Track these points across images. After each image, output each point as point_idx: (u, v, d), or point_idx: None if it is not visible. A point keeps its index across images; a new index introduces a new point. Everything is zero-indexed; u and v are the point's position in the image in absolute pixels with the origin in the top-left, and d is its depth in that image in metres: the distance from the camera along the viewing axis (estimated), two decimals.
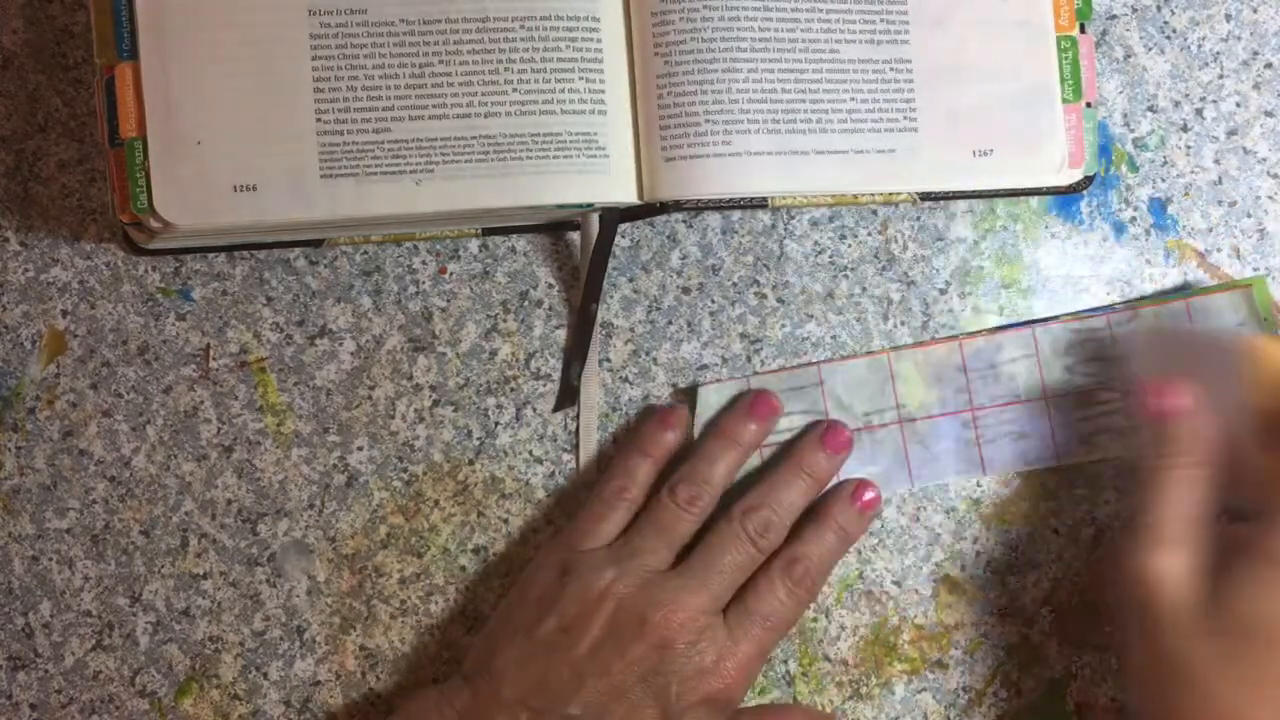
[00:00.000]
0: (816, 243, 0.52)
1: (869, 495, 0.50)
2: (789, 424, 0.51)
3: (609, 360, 0.51)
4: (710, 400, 0.51)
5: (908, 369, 0.52)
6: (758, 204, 0.49)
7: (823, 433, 0.50)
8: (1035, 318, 0.52)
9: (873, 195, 0.49)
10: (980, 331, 0.52)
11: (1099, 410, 0.52)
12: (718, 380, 0.51)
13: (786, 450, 0.50)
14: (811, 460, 0.49)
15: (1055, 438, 0.52)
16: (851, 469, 0.51)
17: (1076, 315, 0.52)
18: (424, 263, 0.50)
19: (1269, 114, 0.54)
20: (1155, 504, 0.45)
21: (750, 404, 0.50)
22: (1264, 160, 0.54)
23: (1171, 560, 0.43)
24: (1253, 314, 0.51)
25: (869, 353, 0.52)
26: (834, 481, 0.51)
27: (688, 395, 0.51)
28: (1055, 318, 0.52)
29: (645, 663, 0.45)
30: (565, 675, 0.45)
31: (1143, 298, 0.53)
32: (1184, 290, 0.52)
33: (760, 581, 0.48)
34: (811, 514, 0.49)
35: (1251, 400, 0.44)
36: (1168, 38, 0.53)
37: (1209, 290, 0.52)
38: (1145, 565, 0.44)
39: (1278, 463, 0.43)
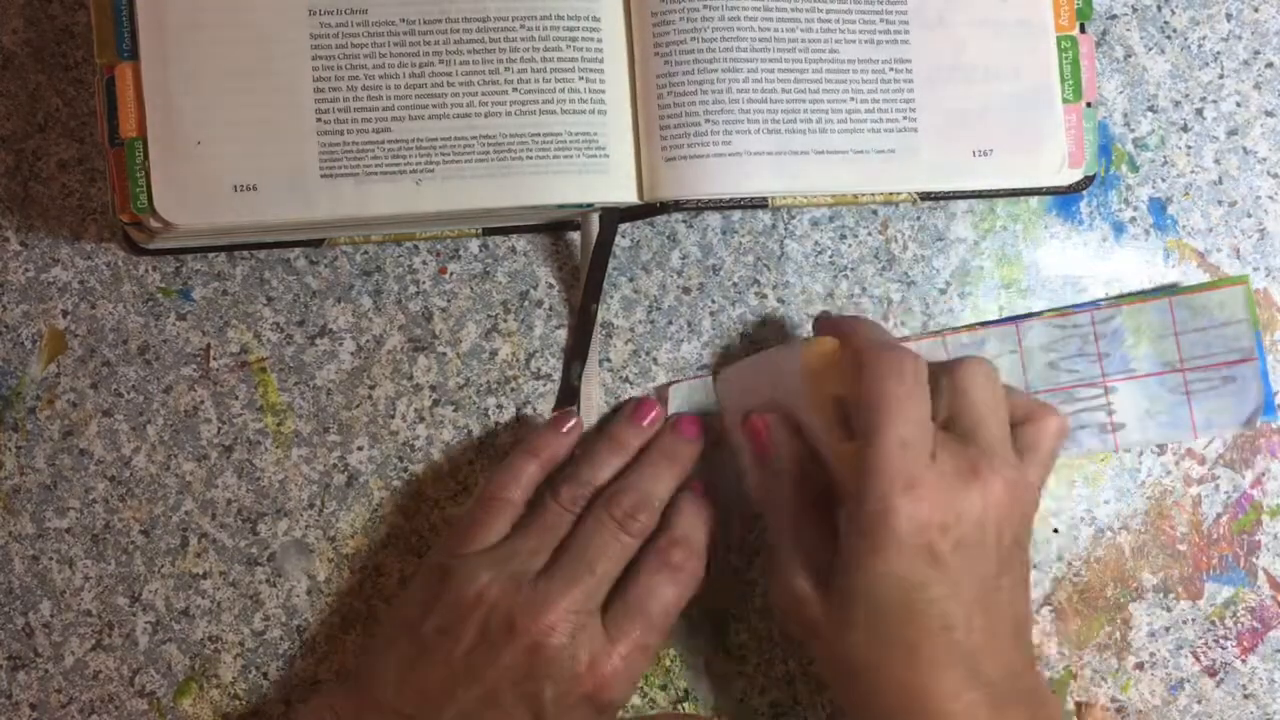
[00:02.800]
0: (817, 243, 0.52)
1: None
2: None
3: (609, 360, 0.51)
4: (684, 397, 0.51)
5: None
6: (758, 204, 0.49)
7: (631, 410, 0.50)
8: (1019, 314, 0.52)
9: (873, 195, 0.49)
10: (964, 326, 0.52)
11: (1081, 406, 0.52)
12: (691, 378, 0.51)
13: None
14: (668, 442, 0.49)
15: None
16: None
17: (1060, 311, 0.52)
18: (424, 263, 0.50)
19: (1269, 114, 0.54)
20: (773, 529, 0.47)
21: (634, 409, 0.50)
22: (1264, 160, 0.54)
23: (795, 575, 0.44)
24: (1240, 311, 0.51)
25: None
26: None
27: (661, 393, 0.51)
28: (1039, 313, 0.52)
29: (517, 668, 0.44)
30: (439, 682, 0.44)
31: (1127, 294, 0.53)
32: (1169, 288, 0.53)
33: (640, 574, 0.46)
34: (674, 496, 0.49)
35: (813, 398, 0.45)
36: (1168, 37, 0.53)
37: (1195, 289, 0.52)
38: (782, 593, 0.45)
39: (848, 447, 0.44)
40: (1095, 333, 0.52)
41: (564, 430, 0.49)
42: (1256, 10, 0.54)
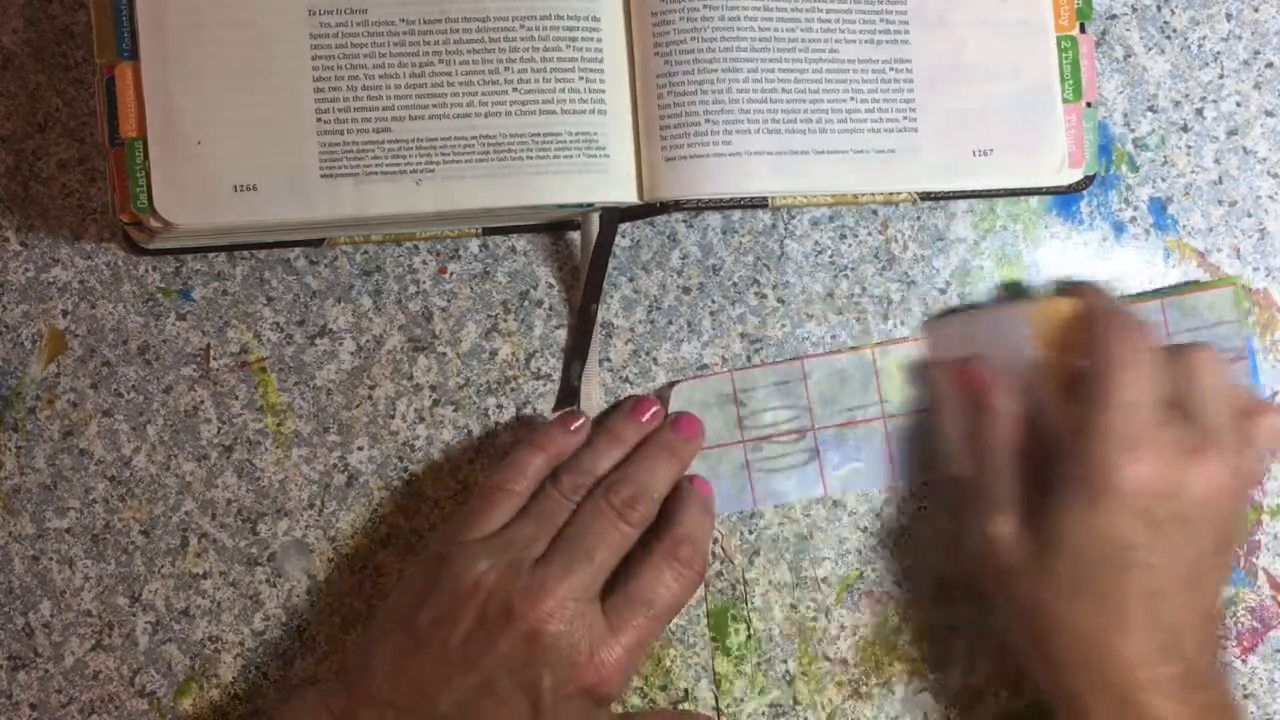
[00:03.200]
0: (817, 243, 0.52)
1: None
2: (774, 419, 0.51)
3: (609, 360, 0.51)
4: (686, 396, 0.51)
5: (891, 365, 0.52)
6: (758, 204, 0.49)
7: (630, 406, 0.50)
8: None
9: (873, 195, 0.49)
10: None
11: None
12: (692, 378, 0.51)
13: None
14: (667, 437, 0.49)
15: None
16: (836, 464, 0.51)
17: None
18: (424, 263, 0.50)
19: (1269, 114, 0.54)
20: (981, 477, 0.48)
21: (633, 405, 0.50)
22: (1264, 160, 0.54)
23: (1001, 522, 0.46)
24: (1229, 312, 0.51)
25: (853, 348, 0.52)
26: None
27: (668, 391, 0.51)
28: None
29: (515, 656, 0.43)
30: (435, 671, 0.44)
31: (1120, 297, 0.53)
32: (1162, 290, 0.53)
33: (644, 568, 0.46)
34: (673, 493, 0.49)
35: (1042, 358, 0.47)
36: (1168, 37, 0.53)
37: (1185, 289, 0.52)
38: (981, 535, 0.46)
39: (1073, 408, 0.45)
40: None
41: (571, 429, 0.49)
42: (1256, 10, 0.54)
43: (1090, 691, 0.43)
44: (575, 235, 0.51)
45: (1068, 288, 0.50)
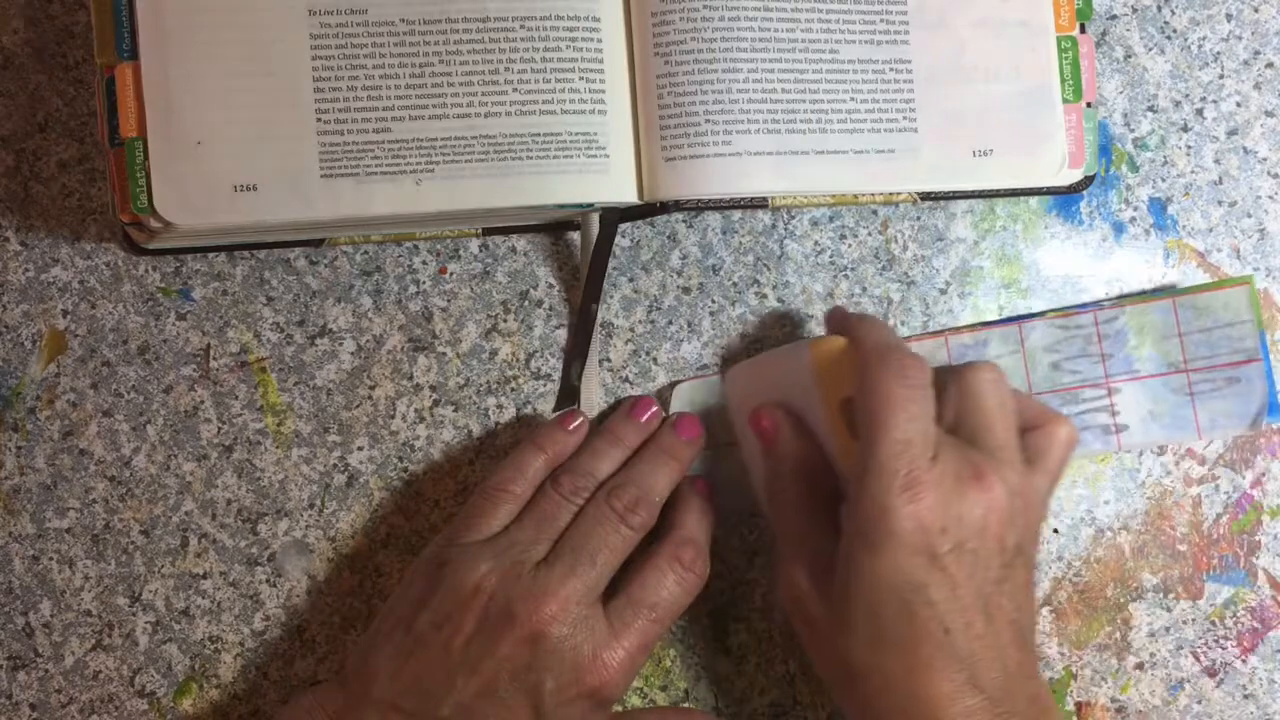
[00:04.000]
0: (816, 243, 0.52)
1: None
2: None
3: (609, 360, 0.51)
4: (686, 396, 0.51)
5: None
6: (758, 204, 0.49)
7: (629, 407, 0.50)
8: (1021, 314, 0.52)
9: (873, 195, 0.49)
10: (966, 327, 0.52)
11: (1084, 407, 0.52)
12: (692, 377, 0.51)
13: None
14: (668, 440, 0.49)
15: None
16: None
17: (1063, 311, 0.52)
18: (424, 263, 0.50)
19: (1269, 114, 0.54)
20: (778, 526, 0.47)
21: (632, 406, 0.50)
22: (1264, 160, 0.54)
23: (797, 570, 0.45)
24: (1244, 312, 0.51)
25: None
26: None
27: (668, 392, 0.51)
28: (1041, 314, 0.52)
29: (517, 659, 0.43)
30: (437, 673, 0.43)
31: (1130, 295, 0.53)
32: (1172, 288, 0.52)
33: (647, 571, 0.46)
34: (675, 496, 0.49)
35: (820, 396, 0.46)
36: (1168, 38, 0.53)
37: (1199, 289, 0.52)
38: (783, 587, 0.46)
39: (850, 447, 0.44)
40: (1098, 333, 0.52)
41: (570, 428, 0.49)
42: (1256, 10, 0.54)
43: None
44: (575, 235, 0.51)
45: (837, 323, 0.48)
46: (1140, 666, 0.53)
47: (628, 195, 0.47)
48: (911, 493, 0.41)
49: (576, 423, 0.49)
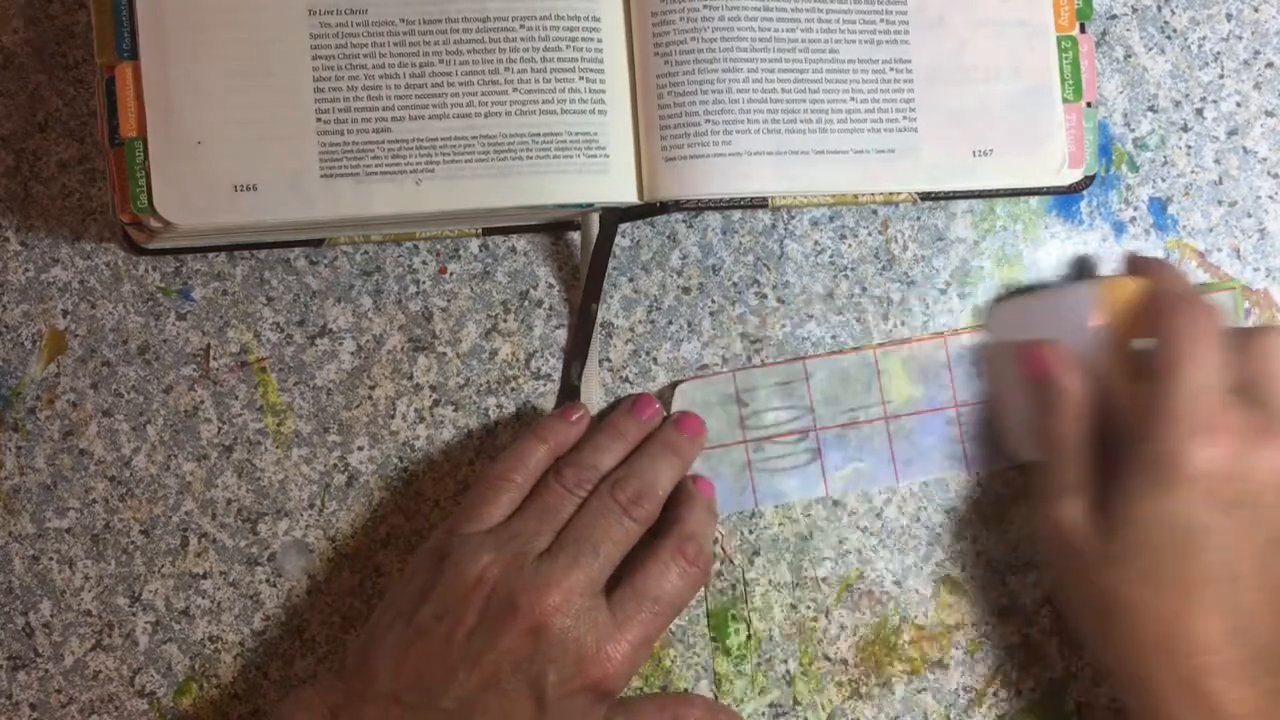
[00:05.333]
0: (816, 243, 0.52)
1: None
2: (776, 419, 0.51)
3: (609, 360, 0.51)
4: (688, 396, 0.51)
5: (894, 365, 0.52)
6: (758, 204, 0.49)
7: (630, 404, 0.50)
8: None
9: (873, 195, 0.49)
10: (966, 328, 0.52)
11: None
12: (693, 377, 0.51)
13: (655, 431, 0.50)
14: (671, 436, 0.49)
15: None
16: (837, 465, 0.51)
17: None
18: (424, 262, 0.50)
19: (1270, 114, 0.54)
20: (1049, 460, 0.48)
21: (632, 403, 0.50)
22: (1264, 160, 0.54)
23: (1070, 505, 0.46)
24: (1231, 315, 0.52)
25: (855, 348, 0.52)
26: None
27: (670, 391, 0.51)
28: None
29: (519, 650, 0.43)
30: (439, 665, 0.43)
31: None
32: None
33: (651, 564, 0.46)
34: (678, 493, 0.49)
35: (1108, 337, 0.47)
36: (1168, 37, 0.53)
37: None
38: (1049, 517, 0.47)
39: (1140, 387, 0.45)
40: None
41: (572, 420, 0.49)
42: (1256, 10, 0.54)
43: (1159, 675, 0.43)
44: (575, 235, 0.51)
45: (1135, 266, 0.50)
46: None
47: (628, 195, 0.47)
48: (1205, 437, 0.43)
49: (578, 414, 0.49)
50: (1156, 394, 0.44)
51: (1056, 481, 0.47)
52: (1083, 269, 0.52)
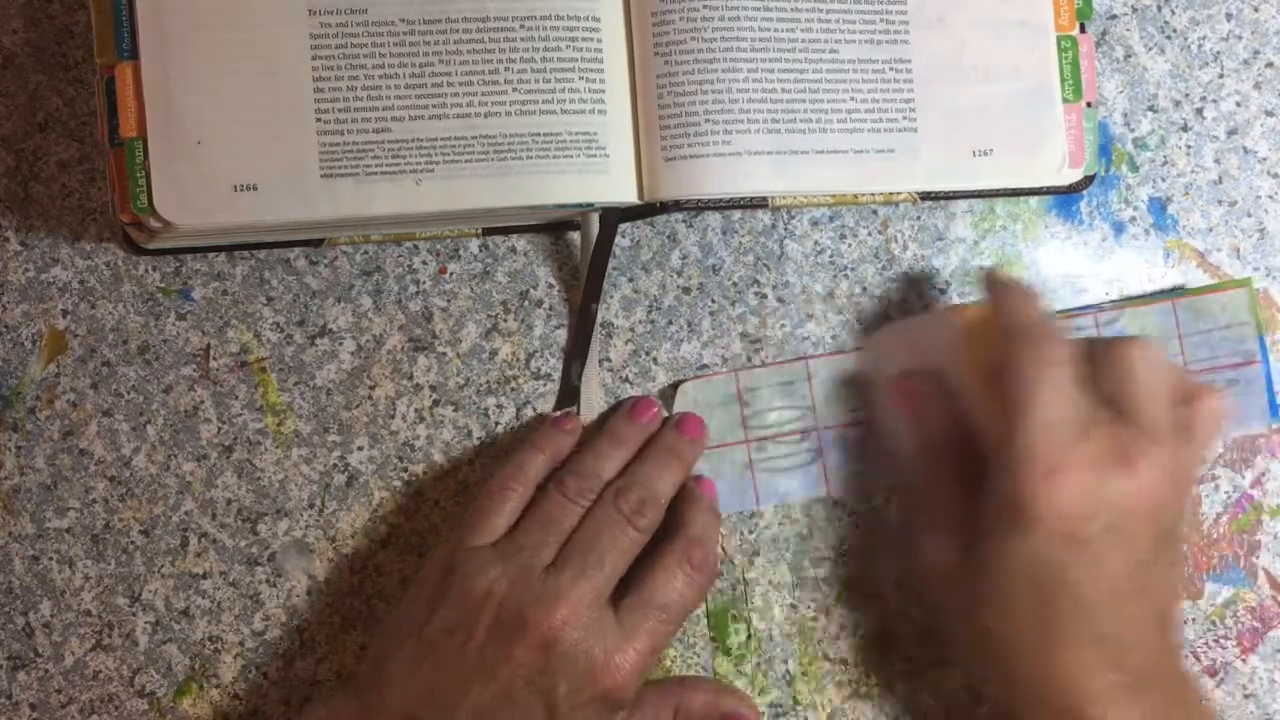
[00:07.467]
0: (816, 243, 0.52)
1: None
2: (778, 419, 0.51)
3: (609, 360, 0.51)
4: (690, 395, 0.51)
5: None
6: (758, 204, 0.49)
7: (630, 408, 0.50)
8: None
9: (873, 195, 0.49)
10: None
11: None
12: (694, 377, 0.51)
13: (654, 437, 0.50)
14: (672, 439, 0.49)
15: None
16: (839, 465, 0.51)
17: (1063, 313, 0.52)
18: (424, 262, 0.50)
19: (1269, 113, 0.54)
20: (921, 493, 0.47)
21: (632, 407, 0.50)
22: (1264, 160, 0.54)
23: (940, 544, 0.45)
24: (1243, 314, 0.51)
25: (857, 348, 0.52)
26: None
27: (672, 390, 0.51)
28: None
29: (531, 664, 0.43)
30: (451, 680, 0.43)
31: (1130, 297, 0.53)
32: (1174, 290, 0.52)
33: (657, 572, 0.46)
34: (681, 496, 0.49)
35: (968, 363, 0.46)
36: (1168, 37, 0.53)
37: (1198, 291, 0.52)
38: (922, 560, 0.46)
39: (998, 413, 0.44)
40: (1099, 335, 0.52)
41: (566, 429, 0.49)
42: (1256, 10, 0.54)
43: (1041, 711, 0.43)
44: (575, 235, 0.51)
45: (988, 287, 0.47)
46: None
47: (628, 195, 0.47)
48: (1055, 479, 0.41)
49: (571, 424, 0.49)
50: (1006, 431, 0.42)
51: (926, 515, 0.46)
52: (979, 284, 0.50)
